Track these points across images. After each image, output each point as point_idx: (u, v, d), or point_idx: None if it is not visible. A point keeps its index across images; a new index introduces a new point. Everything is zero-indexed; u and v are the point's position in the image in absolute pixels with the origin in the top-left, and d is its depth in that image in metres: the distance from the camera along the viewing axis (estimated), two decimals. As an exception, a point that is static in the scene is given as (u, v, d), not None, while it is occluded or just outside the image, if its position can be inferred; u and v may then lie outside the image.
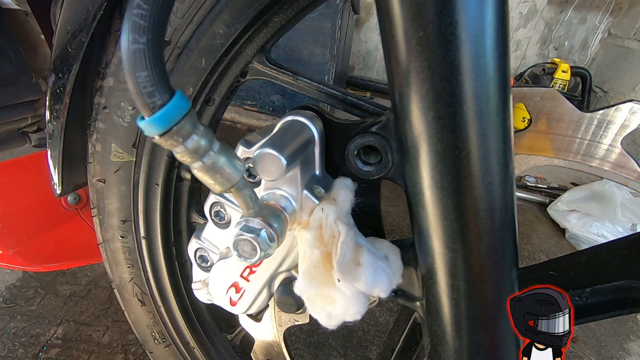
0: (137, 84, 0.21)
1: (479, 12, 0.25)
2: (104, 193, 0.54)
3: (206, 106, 0.47)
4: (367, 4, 3.04)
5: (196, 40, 0.42)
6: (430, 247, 0.35)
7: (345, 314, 0.36)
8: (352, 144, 0.37)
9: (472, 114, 0.28)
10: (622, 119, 0.34)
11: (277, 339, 0.52)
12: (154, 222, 0.55)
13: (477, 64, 0.27)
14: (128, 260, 0.59)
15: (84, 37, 0.42)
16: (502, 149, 0.30)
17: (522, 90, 0.36)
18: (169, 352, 0.68)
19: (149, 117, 0.22)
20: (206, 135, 0.24)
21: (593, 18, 2.92)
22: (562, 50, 3.08)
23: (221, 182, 0.26)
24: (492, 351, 0.36)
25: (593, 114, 0.35)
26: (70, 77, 0.44)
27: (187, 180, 0.53)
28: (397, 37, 0.27)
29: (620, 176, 0.35)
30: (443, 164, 0.30)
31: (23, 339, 1.06)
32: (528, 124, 0.37)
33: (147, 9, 0.21)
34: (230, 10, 0.40)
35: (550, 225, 2.00)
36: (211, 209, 0.44)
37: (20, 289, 1.20)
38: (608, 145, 0.35)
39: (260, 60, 0.44)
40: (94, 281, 1.26)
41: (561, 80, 2.62)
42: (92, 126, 0.50)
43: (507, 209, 0.32)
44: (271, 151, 0.32)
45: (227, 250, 0.46)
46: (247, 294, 0.46)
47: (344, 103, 0.43)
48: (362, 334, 1.21)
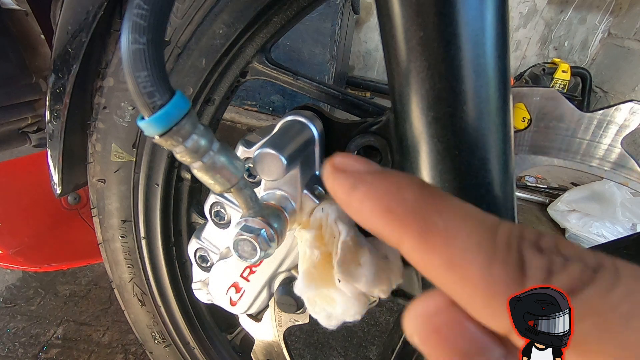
0: (137, 84, 0.21)
1: (479, 12, 0.25)
2: (104, 193, 0.54)
3: (206, 106, 0.47)
4: (367, 4, 3.04)
5: (196, 40, 0.42)
6: (430, 247, 0.35)
7: (345, 314, 0.36)
8: (352, 144, 0.37)
9: (472, 114, 0.28)
10: (622, 119, 0.34)
11: (277, 339, 0.52)
12: (154, 222, 0.55)
13: (477, 64, 0.27)
14: (128, 260, 0.59)
15: (84, 37, 0.42)
16: (502, 149, 0.30)
17: (522, 90, 0.36)
18: (169, 352, 0.68)
19: (148, 117, 0.22)
20: (206, 135, 0.24)
21: (593, 18, 2.92)
22: (562, 50, 3.08)
23: (221, 182, 0.26)
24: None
25: (593, 114, 0.35)
26: (70, 77, 0.44)
27: (187, 180, 0.53)
28: (397, 37, 0.27)
29: (620, 176, 0.35)
30: (443, 164, 0.30)
31: (23, 339, 1.06)
32: (528, 124, 0.37)
33: (147, 9, 0.21)
34: (230, 10, 0.40)
35: (550, 225, 2.00)
36: (211, 209, 0.44)
37: (20, 289, 1.20)
38: (608, 145, 0.35)
39: (260, 60, 0.44)
40: (94, 281, 1.26)
41: (561, 80, 2.62)
42: (92, 126, 0.50)
43: (507, 209, 0.32)
44: (271, 151, 0.32)
45: (227, 250, 0.46)
46: (247, 294, 0.46)
47: (344, 103, 0.43)
48: (362, 334, 1.21)
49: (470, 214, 0.16)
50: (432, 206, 0.17)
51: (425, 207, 0.17)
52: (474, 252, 0.15)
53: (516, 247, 0.15)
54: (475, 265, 0.15)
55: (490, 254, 0.15)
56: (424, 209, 0.17)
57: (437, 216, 0.16)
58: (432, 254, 0.16)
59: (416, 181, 0.18)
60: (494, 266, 0.14)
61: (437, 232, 0.16)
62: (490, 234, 0.15)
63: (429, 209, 0.17)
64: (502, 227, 0.16)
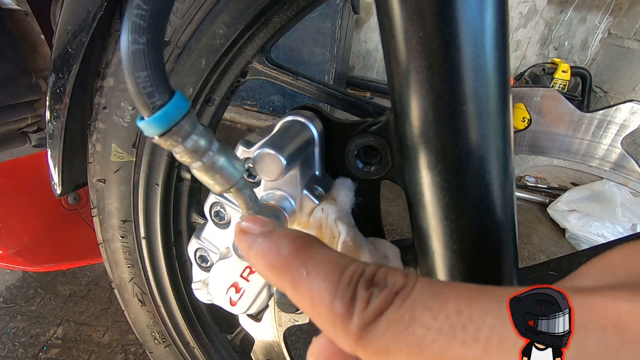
0: (137, 84, 0.21)
1: (479, 12, 0.25)
2: (104, 193, 0.54)
3: (206, 106, 0.47)
4: (367, 4, 3.04)
5: (196, 40, 0.42)
6: (430, 247, 0.34)
7: (345, 314, 0.36)
8: (352, 144, 0.37)
9: (472, 114, 0.28)
10: (622, 119, 0.34)
11: (277, 339, 0.52)
12: (154, 222, 0.55)
13: (477, 64, 0.27)
14: (128, 260, 0.59)
15: (84, 37, 0.42)
16: (502, 149, 0.30)
17: (522, 90, 0.36)
18: (169, 352, 0.68)
19: (148, 118, 0.22)
20: (205, 135, 0.24)
21: (593, 18, 2.92)
22: (562, 50, 3.08)
23: (221, 182, 0.26)
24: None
25: (593, 114, 0.35)
26: (70, 77, 0.44)
27: (187, 180, 0.53)
28: (397, 37, 0.27)
29: (620, 176, 0.35)
30: (443, 164, 0.30)
31: (23, 339, 1.06)
32: (528, 124, 0.37)
33: (147, 9, 0.21)
34: (230, 10, 0.40)
35: (550, 225, 2.00)
36: (211, 209, 0.44)
37: (20, 289, 1.20)
38: (608, 145, 0.35)
39: (260, 61, 0.44)
40: (94, 281, 1.26)
41: (561, 80, 2.62)
42: (92, 126, 0.50)
43: (507, 209, 0.32)
44: (271, 151, 0.32)
45: (227, 250, 0.46)
46: (247, 294, 0.46)
47: (344, 103, 0.43)
48: (362, 334, 1.21)
49: (329, 260, 0.20)
50: (300, 257, 0.20)
51: (295, 259, 0.20)
52: (323, 293, 0.18)
53: (353, 285, 0.18)
54: (324, 303, 0.18)
55: (333, 293, 0.18)
56: (294, 261, 0.20)
57: (302, 266, 0.20)
58: (302, 298, 0.19)
59: (292, 237, 0.22)
60: (335, 303, 0.18)
61: (302, 280, 0.20)
62: (338, 275, 0.19)
63: (297, 260, 0.20)
64: (349, 268, 0.19)
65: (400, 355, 0.16)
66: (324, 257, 0.20)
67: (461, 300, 0.16)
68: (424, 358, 0.15)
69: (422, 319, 0.16)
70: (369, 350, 0.17)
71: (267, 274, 0.22)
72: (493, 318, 0.15)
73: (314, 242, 0.22)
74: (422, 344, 0.16)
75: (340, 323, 0.17)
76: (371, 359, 0.17)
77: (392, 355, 0.16)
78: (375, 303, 0.17)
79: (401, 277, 0.18)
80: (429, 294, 0.17)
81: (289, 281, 0.20)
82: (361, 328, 0.17)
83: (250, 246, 0.23)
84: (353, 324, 0.17)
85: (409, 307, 0.17)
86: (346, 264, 0.19)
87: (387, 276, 0.18)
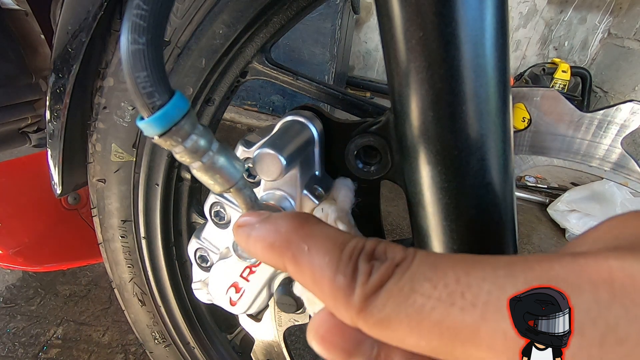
0: (137, 84, 0.21)
1: (479, 12, 0.25)
2: (104, 193, 0.54)
3: (206, 106, 0.47)
4: (367, 4, 3.04)
5: (196, 40, 0.42)
6: (430, 247, 0.35)
7: (345, 314, 0.36)
8: (351, 144, 0.37)
9: (471, 114, 0.28)
10: (622, 119, 0.34)
11: (277, 339, 0.52)
12: (154, 222, 0.55)
13: (477, 64, 0.27)
14: (128, 260, 0.59)
15: (84, 37, 0.42)
16: (502, 149, 0.30)
17: (522, 90, 0.36)
18: (169, 352, 0.68)
19: (148, 118, 0.22)
20: (205, 135, 0.24)
21: (593, 18, 2.92)
22: (562, 50, 3.08)
23: (220, 182, 0.26)
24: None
25: (593, 114, 0.35)
26: (70, 77, 0.44)
27: (187, 180, 0.53)
28: (396, 37, 0.27)
29: (620, 176, 0.35)
30: (443, 164, 0.30)
31: (23, 339, 1.06)
32: (528, 124, 0.37)
33: (147, 9, 0.21)
34: (230, 10, 0.40)
35: (550, 225, 2.00)
36: (211, 209, 0.44)
37: (20, 289, 1.20)
38: (608, 145, 0.35)
39: (260, 60, 0.44)
40: (94, 281, 1.26)
41: (561, 80, 2.62)
42: (92, 126, 0.50)
43: (507, 209, 0.32)
44: (270, 151, 0.32)
45: (227, 250, 0.46)
46: (247, 294, 0.46)
47: (344, 103, 0.43)
48: (362, 334, 1.21)
49: (328, 236, 0.20)
50: (300, 234, 0.21)
51: (295, 236, 0.21)
52: (325, 268, 0.19)
53: (354, 259, 0.19)
54: (325, 278, 0.19)
55: (335, 267, 0.19)
56: (294, 238, 0.21)
57: (303, 242, 0.20)
58: (303, 274, 0.20)
59: (289, 216, 0.22)
60: (337, 277, 0.18)
61: (303, 256, 0.20)
62: (339, 251, 0.19)
63: (297, 237, 0.21)
64: (350, 244, 0.20)
65: (401, 325, 0.16)
66: (324, 233, 0.21)
67: (459, 269, 0.17)
68: (425, 326, 0.16)
69: (421, 289, 0.16)
70: (371, 322, 0.17)
71: (267, 256, 0.22)
72: (490, 284, 0.16)
73: (312, 219, 0.22)
74: (422, 312, 0.16)
75: (342, 296, 0.18)
76: (373, 330, 0.17)
77: (394, 325, 0.17)
78: (376, 276, 0.18)
79: (400, 250, 0.19)
80: (428, 265, 0.17)
81: (290, 258, 0.20)
82: (363, 300, 0.17)
83: (249, 234, 0.23)
84: (355, 296, 0.18)
85: (408, 278, 0.17)
86: (346, 239, 0.20)
87: (386, 250, 0.19)
